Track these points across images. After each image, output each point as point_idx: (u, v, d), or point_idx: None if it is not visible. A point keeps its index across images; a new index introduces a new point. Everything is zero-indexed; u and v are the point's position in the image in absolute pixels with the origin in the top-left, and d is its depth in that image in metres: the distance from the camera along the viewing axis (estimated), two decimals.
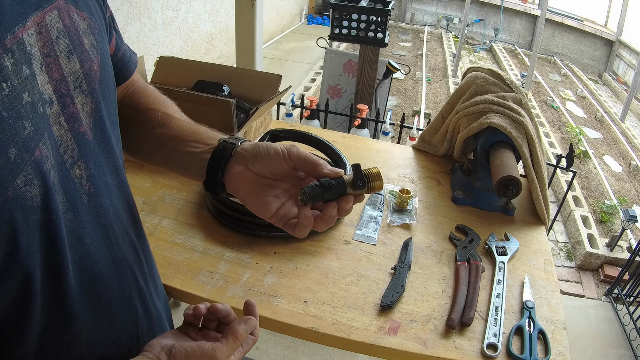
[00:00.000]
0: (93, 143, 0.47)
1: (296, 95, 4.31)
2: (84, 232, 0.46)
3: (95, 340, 0.50)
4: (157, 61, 1.43)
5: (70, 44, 0.43)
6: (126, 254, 0.53)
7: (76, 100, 0.44)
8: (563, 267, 2.76)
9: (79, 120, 0.44)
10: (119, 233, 0.52)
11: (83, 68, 0.45)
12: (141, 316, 0.57)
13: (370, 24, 2.03)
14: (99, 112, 0.47)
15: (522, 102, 1.19)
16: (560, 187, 3.41)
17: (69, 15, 0.43)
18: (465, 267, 0.92)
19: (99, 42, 0.48)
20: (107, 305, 0.51)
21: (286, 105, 1.97)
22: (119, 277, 0.52)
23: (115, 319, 0.52)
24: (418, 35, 7.64)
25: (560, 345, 0.79)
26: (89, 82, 0.45)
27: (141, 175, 1.16)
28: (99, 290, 0.49)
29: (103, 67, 0.48)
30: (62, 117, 0.42)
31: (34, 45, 0.38)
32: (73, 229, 0.44)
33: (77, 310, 0.46)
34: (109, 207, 0.49)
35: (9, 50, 0.35)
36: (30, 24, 0.38)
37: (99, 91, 0.47)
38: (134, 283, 0.55)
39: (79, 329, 0.47)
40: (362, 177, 0.53)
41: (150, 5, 3.55)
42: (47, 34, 0.40)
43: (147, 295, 0.59)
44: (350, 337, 0.78)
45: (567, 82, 6.24)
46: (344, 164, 1.06)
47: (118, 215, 0.52)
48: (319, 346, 1.83)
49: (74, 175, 0.44)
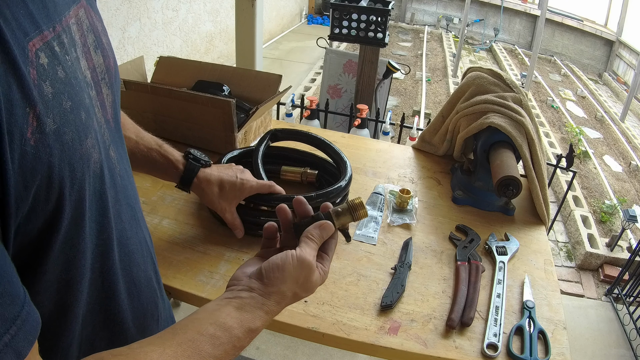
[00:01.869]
0: (114, 131, 0.50)
1: (296, 95, 4.31)
2: (121, 210, 0.49)
3: (126, 321, 0.51)
4: (157, 61, 1.43)
5: (95, 39, 0.46)
6: (145, 237, 0.57)
7: (103, 90, 0.47)
8: (563, 267, 2.76)
9: (105, 108, 0.47)
10: (140, 216, 0.55)
11: (105, 63, 0.48)
12: (159, 298, 0.60)
13: (370, 24, 2.03)
14: (116, 105, 0.50)
15: (522, 102, 1.19)
16: (560, 187, 3.41)
17: (91, 15, 0.47)
18: (465, 267, 0.92)
19: (110, 43, 0.51)
20: (138, 284, 0.53)
21: (286, 105, 1.97)
22: (143, 257, 0.55)
23: (143, 299, 0.54)
24: (418, 35, 7.64)
25: (561, 345, 0.79)
26: (110, 76, 0.49)
27: (141, 175, 1.15)
28: (133, 268, 0.51)
29: (115, 66, 0.51)
30: (98, 102, 0.45)
31: (76, 33, 0.42)
32: (114, 204, 0.47)
33: (118, 287, 0.48)
34: (131, 191, 0.53)
35: (64, 30, 0.39)
36: (72, 14, 0.42)
37: (115, 86, 0.50)
38: (152, 266, 0.58)
39: (115, 307, 0.49)
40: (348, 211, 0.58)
41: (150, 5, 3.55)
42: (81, 26, 0.43)
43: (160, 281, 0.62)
44: (350, 337, 0.78)
45: (567, 82, 6.24)
46: (345, 163, 1.06)
47: (136, 200, 0.56)
48: (319, 346, 1.83)
49: (111, 156, 0.47)
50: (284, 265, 0.49)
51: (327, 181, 1.11)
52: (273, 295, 0.48)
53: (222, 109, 1.12)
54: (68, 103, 0.36)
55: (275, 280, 0.48)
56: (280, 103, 1.92)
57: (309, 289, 0.52)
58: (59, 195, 0.36)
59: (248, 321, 0.46)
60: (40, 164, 0.33)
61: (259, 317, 0.47)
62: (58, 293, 0.40)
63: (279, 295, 0.49)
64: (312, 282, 0.51)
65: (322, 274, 0.53)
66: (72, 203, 0.37)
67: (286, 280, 0.49)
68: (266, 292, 0.48)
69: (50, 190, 0.35)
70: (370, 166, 1.28)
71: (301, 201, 0.57)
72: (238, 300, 0.47)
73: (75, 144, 0.37)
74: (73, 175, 0.37)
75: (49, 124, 0.34)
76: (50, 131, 0.34)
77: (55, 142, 0.34)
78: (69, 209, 0.37)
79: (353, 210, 0.57)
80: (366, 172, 1.24)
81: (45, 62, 0.35)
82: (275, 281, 0.48)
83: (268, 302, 0.48)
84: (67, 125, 0.36)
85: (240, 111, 1.25)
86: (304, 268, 0.50)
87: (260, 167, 1.03)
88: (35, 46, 0.34)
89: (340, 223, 0.57)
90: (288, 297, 0.50)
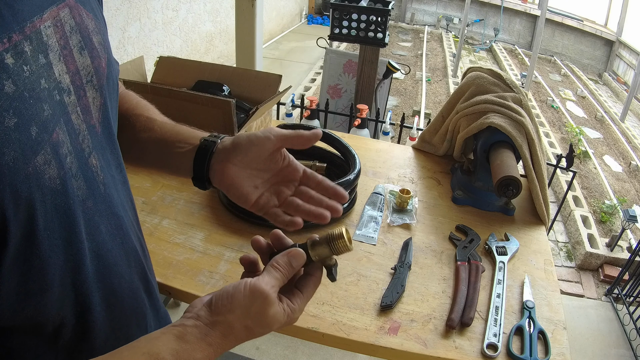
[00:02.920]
0: (101, 137, 0.48)
1: (296, 95, 4.31)
2: (100, 221, 0.47)
3: (107, 333, 0.50)
4: (157, 61, 1.43)
5: (82, 40, 0.44)
6: (135, 245, 0.55)
7: (88, 93, 0.45)
8: (563, 267, 2.76)
9: (90, 113, 0.46)
10: (128, 224, 0.53)
11: (93, 64, 0.46)
12: (148, 309, 0.58)
13: (370, 24, 2.03)
14: (106, 107, 0.49)
15: (522, 102, 1.19)
16: (560, 187, 3.41)
17: (79, 14, 0.45)
18: (465, 267, 0.92)
19: (105, 41, 0.49)
20: (119, 295, 0.51)
21: (286, 105, 1.97)
22: (129, 267, 0.53)
23: (126, 311, 0.53)
24: (418, 35, 7.64)
25: (560, 345, 0.79)
26: (99, 78, 0.47)
27: (141, 175, 1.16)
28: (112, 280, 0.49)
29: (109, 66, 0.49)
30: (78, 107, 0.43)
31: (52, 37, 0.40)
32: (91, 216, 0.45)
33: (93, 301, 0.46)
34: (117, 199, 0.51)
35: (27, 38, 0.37)
36: (47, 17, 0.40)
37: (106, 88, 0.48)
38: (141, 275, 0.56)
39: (93, 321, 0.47)
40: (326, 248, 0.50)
41: (150, 5, 3.55)
42: (62, 28, 0.42)
43: (153, 289, 0.60)
44: (350, 337, 0.78)
45: (567, 82, 6.24)
46: (354, 156, 1.09)
47: (125, 208, 0.53)
48: (319, 346, 1.83)
49: (91, 164, 0.45)
50: (234, 294, 0.44)
51: (336, 174, 1.14)
52: (218, 325, 0.43)
53: (222, 109, 1.12)
54: (12, 120, 0.34)
55: (222, 309, 0.44)
56: (280, 103, 1.92)
57: (266, 324, 0.45)
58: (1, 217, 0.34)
59: (186, 352, 0.41)
60: None
61: (200, 349, 0.42)
62: (19, 305, 0.39)
63: (224, 326, 0.44)
64: (269, 316, 0.45)
65: (287, 311, 0.47)
66: (18, 222, 0.36)
67: (234, 309, 0.44)
68: (211, 322, 0.44)
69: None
70: (370, 166, 1.28)
71: (278, 236, 0.52)
72: (180, 328, 0.43)
73: (17, 164, 0.35)
74: (17, 195, 0.35)
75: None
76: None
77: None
78: (15, 229, 0.36)
79: (330, 240, 0.49)
80: (366, 172, 1.24)
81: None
82: (222, 309, 0.44)
83: (212, 333, 0.43)
84: (7, 146, 0.34)
85: (240, 111, 1.25)
86: (256, 298, 0.44)
87: None
88: None
89: (318, 255, 0.50)
90: (237, 330, 0.44)
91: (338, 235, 0.49)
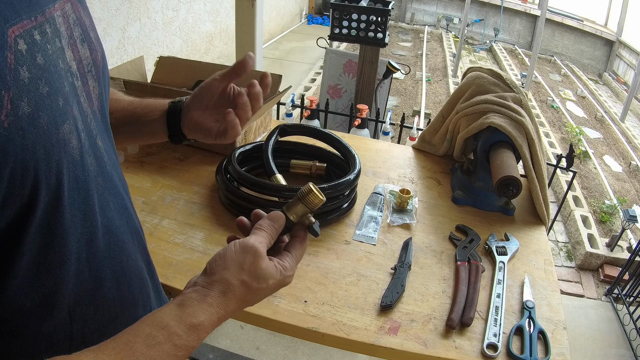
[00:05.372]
0: (100, 123, 0.50)
1: (296, 95, 4.31)
2: (109, 198, 0.49)
3: (117, 311, 0.51)
4: (157, 61, 1.43)
5: (82, 33, 0.47)
6: (137, 226, 0.57)
7: (89, 82, 0.48)
8: (563, 267, 2.76)
9: (92, 100, 0.48)
10: (129, 206, 0.56)
11: (92, 56, 0.48)
12: (151, 289, 0.60)
13: (370, 24, 2.03)
14: (102, 97, 0.51)
15: (522, 102, 1.19)
16: (560, 187, 3.41)
17: (78, 10, 0.47)
18: (465, 267, 0.92)
19: (99, 38, 0.52)
20: (127, 273, 0.53)
21: (286, 105, 1.97)
22: (134, 247, 0.55)
23: (133, 289, 0.54)
24: (418, 35, 7.64)
25: (560, 345, 0.79)
26: (97, 69, 0.49)
27: (141, 175, 1.16)
28: (122, 257, 0.51)
29: (103, 60, 0.52)
30: (84, 92, 0.46)
31: (62, 25, 0.43)
32: (101, 192, 0.47)
33: (104, 276, 0.48)
34: (118, 181, 0.53)
35: (47, 21, 0.40)
36: (57, 7, 0.43)
37: (102, 79, 0.51)
38: (144, 257, 0.58)
39: (104, 297, 0.49)
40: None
41: (150, 5, 3.55)
42: (67, 19, 0.45)
43: (154, 272, 0.62)
44: (350, 337, 0.78)
45: (567, 82, 6.24)
46: (354, 156, 1.10)
47: (126, 190, 0.56)
48: (319, 346, 1.83)
49: (98, 145, 0.48)
50: (226, 253, 0.48)
51: (336, 174, 1.14)
52: (216, 284, 0.45)
53: None
54: (45, 88, 0.37)
55: (216, 269, 0.46)
56: (280, 103, 1.92)
57: (261, 277, 0.48)
58: (34, 178, 0.37)
59: (189, 316, 0.43)
60: (13, 146, 0.34)
61: (202, 310, 0.44)
62: (38, 279, 0.41)
63: (222, 283, 0.46)
64: (263, 269, 0.48)
65: (278, 268, 0.50)
66: (48, 187, 0.38)
67: (228, 266, 0.46)
68: (209, 283, 0.46)
69: (25, 173, 0.36)
70: (370, 166, 1.28)
71: (258, 214, 0.55)
72: (180, 297, 0.45)
73: (50, 129, 0.38)
74: (48, 158, 0.38)
75: (23, 107, 0.35)
76: (23, 114, 0.35)
77: (29, 126, 0.35)
78: (45, 193, 0.38)
79: (302, 197, 0.54)
80: (366, 172, 1.24)
81: (24, 48, 0.36)
82: (217, 269, 0.46)
83: (211, 293, 0.45)
84: (42, 110, 0.37)
85: None
86: (247, 252, 0.47)
87: (270, 160, 1.05)
88: (15, 33, 0.35)
89: (295, 213, 0.54)
90: (235, 286, 0.46)
91: (307, 191, 0.54)
